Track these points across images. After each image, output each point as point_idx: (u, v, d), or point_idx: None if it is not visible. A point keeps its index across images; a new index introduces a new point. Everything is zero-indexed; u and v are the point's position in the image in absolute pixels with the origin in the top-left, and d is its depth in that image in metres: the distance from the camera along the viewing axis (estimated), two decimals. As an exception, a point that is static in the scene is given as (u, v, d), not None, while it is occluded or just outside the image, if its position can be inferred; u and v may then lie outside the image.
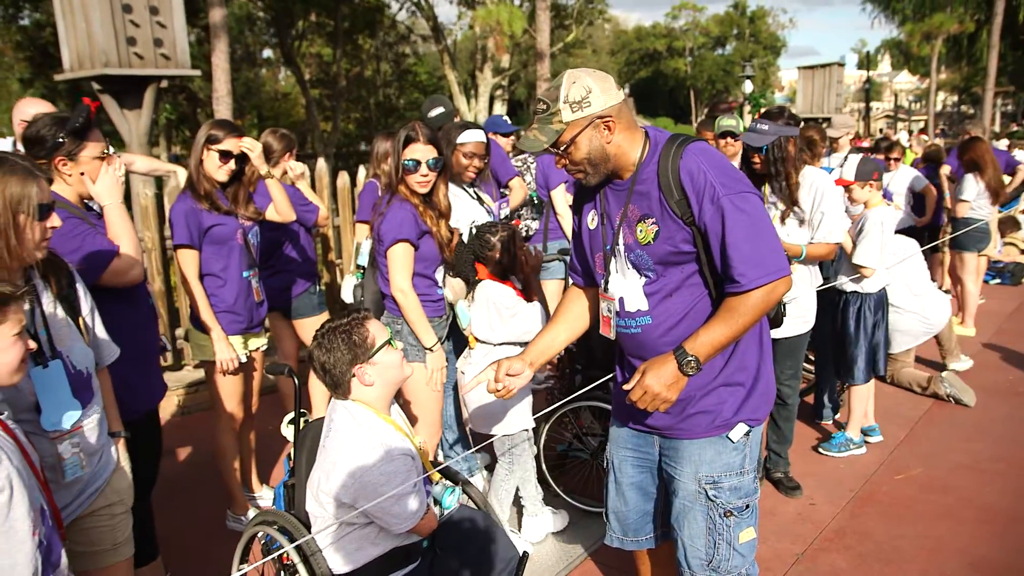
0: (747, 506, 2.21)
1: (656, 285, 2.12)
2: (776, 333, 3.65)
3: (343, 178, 6.15)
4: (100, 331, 2.26)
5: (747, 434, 2.19)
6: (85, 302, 2.19)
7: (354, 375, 2.30)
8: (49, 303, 2.04)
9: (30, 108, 3.56)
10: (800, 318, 3.73)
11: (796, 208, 3.64)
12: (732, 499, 2.18)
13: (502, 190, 4.72)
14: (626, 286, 2.17)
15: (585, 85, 2.00)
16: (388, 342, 2.34)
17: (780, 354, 3.74)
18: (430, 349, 3.24)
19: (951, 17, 20.79)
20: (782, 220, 3.66)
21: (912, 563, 3.36)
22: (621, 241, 2.14)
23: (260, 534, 2.51)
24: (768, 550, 3.47)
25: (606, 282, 2.21)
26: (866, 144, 10.85)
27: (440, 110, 4.74)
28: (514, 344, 3.30)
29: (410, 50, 30.69)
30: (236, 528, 3.70)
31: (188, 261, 3.35)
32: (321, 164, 6.09)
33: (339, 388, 2.33)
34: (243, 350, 3.57)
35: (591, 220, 2.25)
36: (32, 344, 1.78)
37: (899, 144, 8.15)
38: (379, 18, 24.41)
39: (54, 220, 1.98)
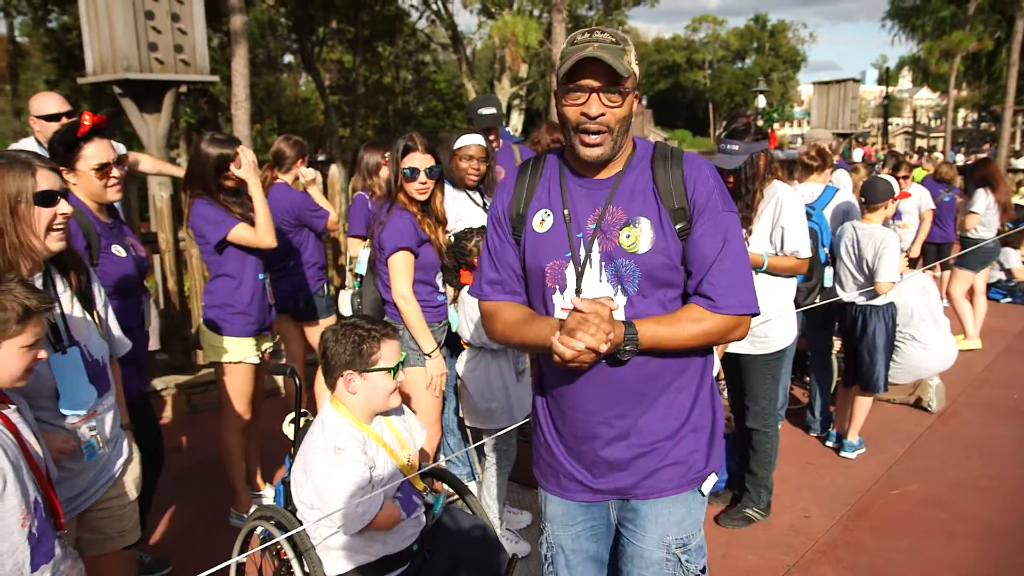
0: (705, 566, 2.01)
1: (637, 308, 1.83)
2: (754, 349, 3.69)
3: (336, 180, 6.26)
4: (113, 325, 2.36)
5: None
6: (99, 297, 2.29)
7: (342, 376, 2.38)
8: (67, 296, 2.14)
9: (43, 103, 3.68)
10: (782, 333, 3.74)
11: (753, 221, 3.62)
12: (699, 559, 1.97)
13: None
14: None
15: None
16: (391, 370, 2.41)
17: (755, 375, 3.74)
18: (429, 355, 3.32)
19: (970, 35, 20.71)
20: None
21: (904, 571, 3.39)
22: (596, 248, 1.83)
23: (259, 529, 2.59)
24: (760, 560, 3.51)
25: (578, 293, 1.84)
26: (853, 157, 10.80)
27: (492, 110, 4.76)
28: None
29: (430, 58, 30.91)
30: (238, 525, 3.78)
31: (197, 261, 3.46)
32: (334, 170, 6.20)
33: (328, 377, 2.43)
34: (255, 351, 3.67)
35: (539, 221, 1.90)
36: (43, 354, 1.87)
37: (905, 162, 8.17)
38: (399, 26, 24.63)
39: (63, 206, 2.06)
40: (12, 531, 1.74)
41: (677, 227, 1.82)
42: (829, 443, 4.87)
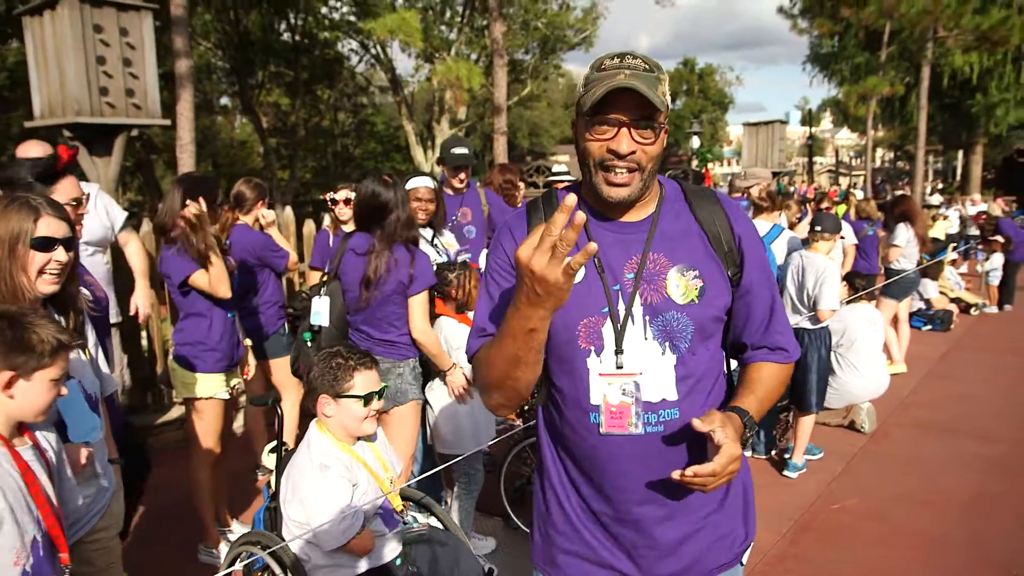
0: None
1: (688, 367, 1.62)
2: None
3: (309, 225, 6.36)
4: (102, 363, 2.44)
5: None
6: (91, 336, 2.38)
7: (319, 399, 2.54)
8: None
9: (31, 151, 3.76)
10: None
11: None
12: None
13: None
14: (650, 363, 1.60)
15: None
16: (363, 399, 2.55)
17: None
18: (449, 371, 3.55)
19: (883, 80, 22.03)
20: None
21: (847, 583, 3.63)
22: (639, 301, 1.60)
23: (243, 554, 2.66)
24: None
25: (618, 355, 1.60)
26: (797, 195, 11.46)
27: (464, 150, 4.90)
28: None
29: (367, 100, 31.14)
30: (207, 561, 3.81)
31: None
32: (288, 212, 6.30)
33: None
34: (225, 388, 3.74)
35: None
36: (64, 391, 1.95)
37: (827, 196, 8.74)
38: (338, 70, 24.84)
39: (59, 254, 2.16)
40: (6, 569, 1.81)
41: (729, 273, 1.65)
42: (789, 462, 5.13)
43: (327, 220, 6.54)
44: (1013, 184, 27.11)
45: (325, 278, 3.70)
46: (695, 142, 24.62)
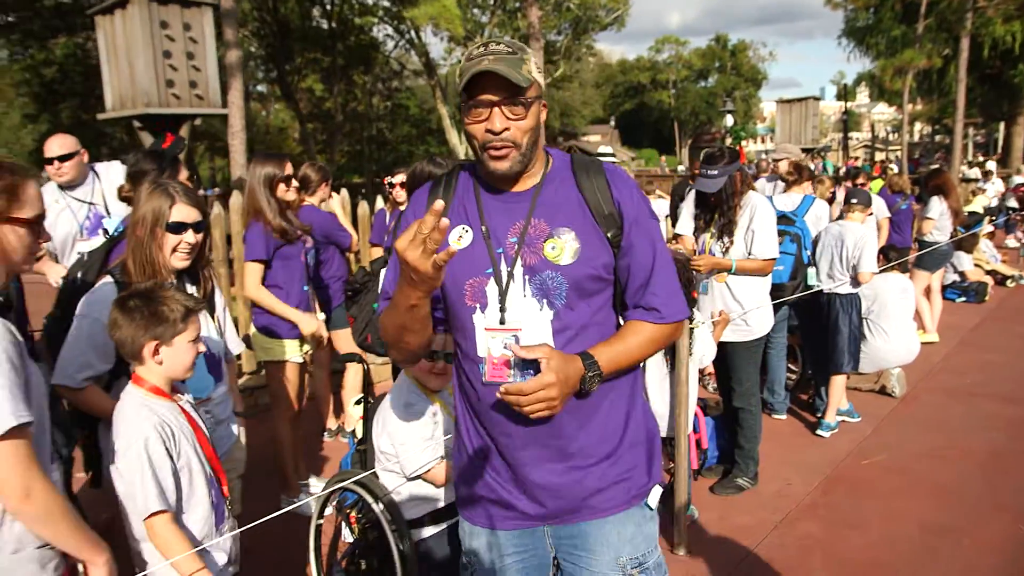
0: None
1: (565, 320, 1.76)
2: (737, 336, 4.24)
3: (363, 207, 6.76)
4: (229, 329, 2.84)
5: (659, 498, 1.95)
6: (219, 304, 2.77)
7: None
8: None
9: (57, 144, 4.21)
10: (760, 322, 4.28)
11: (731, 230, 4.16)
12: None
13: None
14: (529, 319, 1.76)
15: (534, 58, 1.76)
16: (429, 356, 2.84)
17: (739, 360, 4.29)
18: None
19: (920, 53, 21.78)
20: (719, 236, 4.22)
21: (874, 527, 3.94)
22: (520, 262, 1.76)
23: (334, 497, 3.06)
24: (752, 519, 4.04)
25: (502, 311, 1.77)
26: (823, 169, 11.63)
27: None
28: None
29: (400, 84, 31.53)
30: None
31: (254, 273, 3.92)
32: (344, 194, 6.69)
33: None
34: (299, 353, 4.14)
35: (457, 238, 1.82)
36: (203, 347, 2.33)
37: (863, 172, 8.91)
38: (373, 55, 25.24)
39: (189, 236, 2.56)
40: (204, 502, 2.22)
41: (608, 235, 1.78)
42: (823, 422, 5.42)
43: (380, 202, 6.95)
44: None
45: (386, 253, 4.08)
46: (729, 120, 24.60)
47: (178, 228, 2.50)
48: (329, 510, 3.24)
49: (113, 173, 4.49)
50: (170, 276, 2.53)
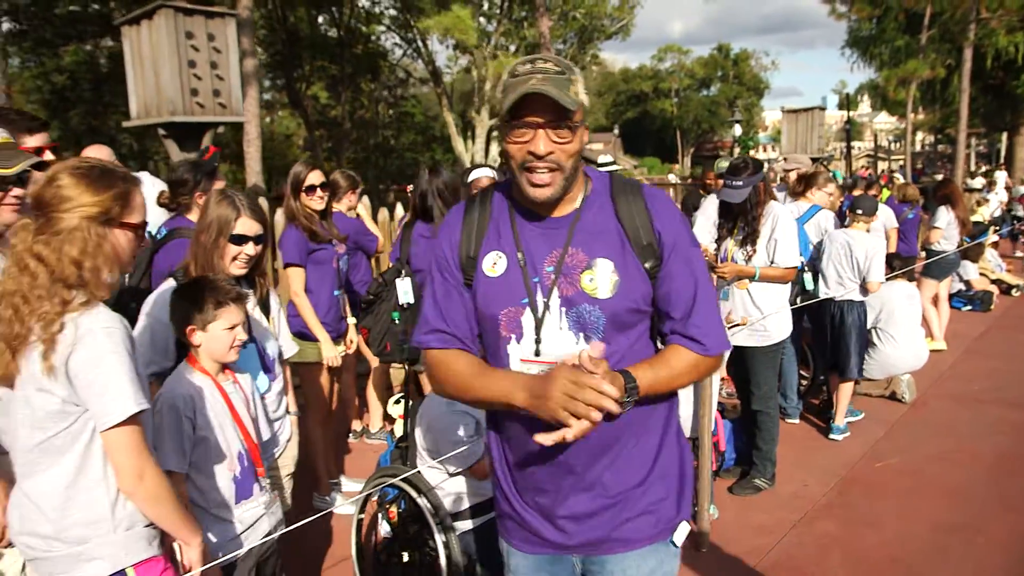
0: None
1: (602, 355, 1.67)
2: (757, 342, 4.37)
3: (383, 213, 6.91)
4: (284, 331, 2.99)
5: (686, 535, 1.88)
6: (274, 307, 2.92)
7: None
8: (253, 305, 2.77)
9: (93, 154, 4.38)
10: (779, 328, 4.42)
11: (755, 239, 4.30)
12: None
13: None
14: (565, 353, 1.67)
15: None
16: None
17: (759, 364, 4.42)
18: None
19: (924, 63, 21.98)
20: (741, 244, 4.36)
21: (889, 526, 4.07)
22: (556, 293, 1.71)
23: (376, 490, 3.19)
24: (770, 519, 4.17)
25: (537, 343, 1.72)
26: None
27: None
28: None
29: (406, 92, 31.74)
30: (320, 506, 4.36)
31: (296, 278, 4.06)
32: (366, 200, 6.84)
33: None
34: (333, 355, 4.27)
35: (491, 264, 1.76)
36: (243, 336, 2.48)
37: (876, 183, 9.05)
38: (381, 63, 25.46)
39: (249, 248, 2.71)
40: (224, 474, 2.37)
41: (647, 266, 1.72)
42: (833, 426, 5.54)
43: (399, 209, 7.11)
44: (1058, 166, 26.83)
45: (397, 263, 4.24)
46: (737, 130, 24.77)
47: (240, 240, 2.66)
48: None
49: (146, 184, 4.63)
50: (228, 278, 2.67)
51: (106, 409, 1.76)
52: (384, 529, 3.27)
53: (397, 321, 4.21)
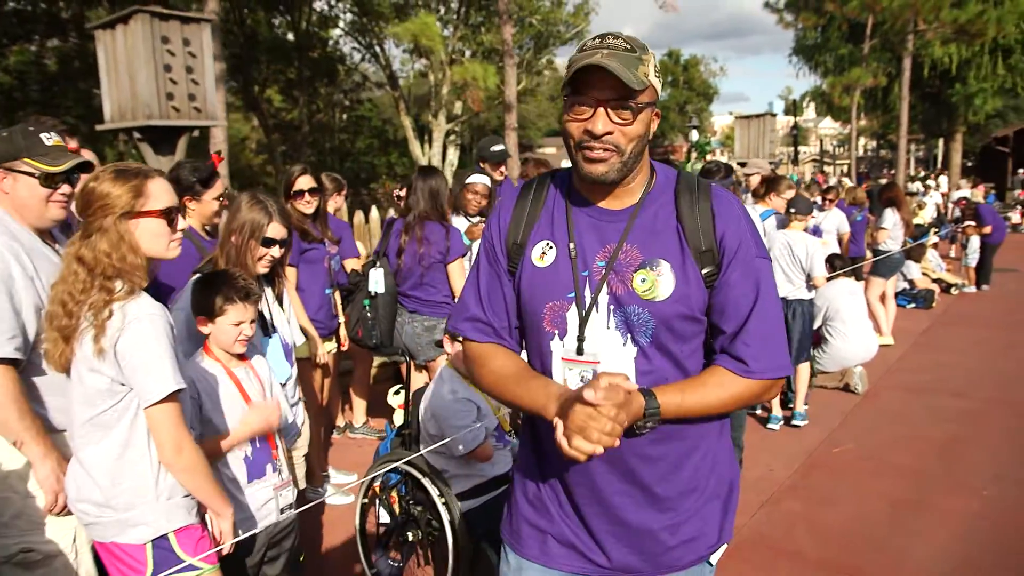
0: None
1: (652, 362, 1.60)
2: None
3: (359, 216, 7.07)
4: (294, 323, 3.16)
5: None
6: (286, 302, 3.09)
7: (451, 342, 3.26)
8: (272, 300, 2.95)
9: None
10: None
11: None
12: None
13: None
14: (610, 353, 1.60)
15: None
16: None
17: None
18: None
19: (867, 72, 22.89)
20: None
21: (849, 503, 4.40)
22: (605, 290, 1.60)
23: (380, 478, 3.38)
24: (740, 499, 4.42)
25: (579, 341, 1.61)
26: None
27: (502, 147, 5.88)
28: None
29: (363, 96, 31.72)
30: (312, 498, 4.51)
31: (288, 276, 4.22)
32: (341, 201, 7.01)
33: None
34: (326, 352, 4.44)
35: (539, 254, 1.67)
36: (248, 333, 2.64)
37: (834, 188, 9.55)
38: (338, 68, 25.44)
39: (275, 250, 2.89)
40: (235, 454, 2.54)
41: (703, 272, 1.59)
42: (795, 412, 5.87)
43: (374, 212, 7.28)
44: (991, 171, 28.09)
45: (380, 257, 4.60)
46: (694, 135, 25.38)
47: (269, 243, 2.84)
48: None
49: None
50: (253, 277, 2.84)
51: (149, 387, 1.97)
52: (383, 517, 3.45)
53: (367, 308, 4.50)
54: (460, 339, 1.83)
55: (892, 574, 3.63)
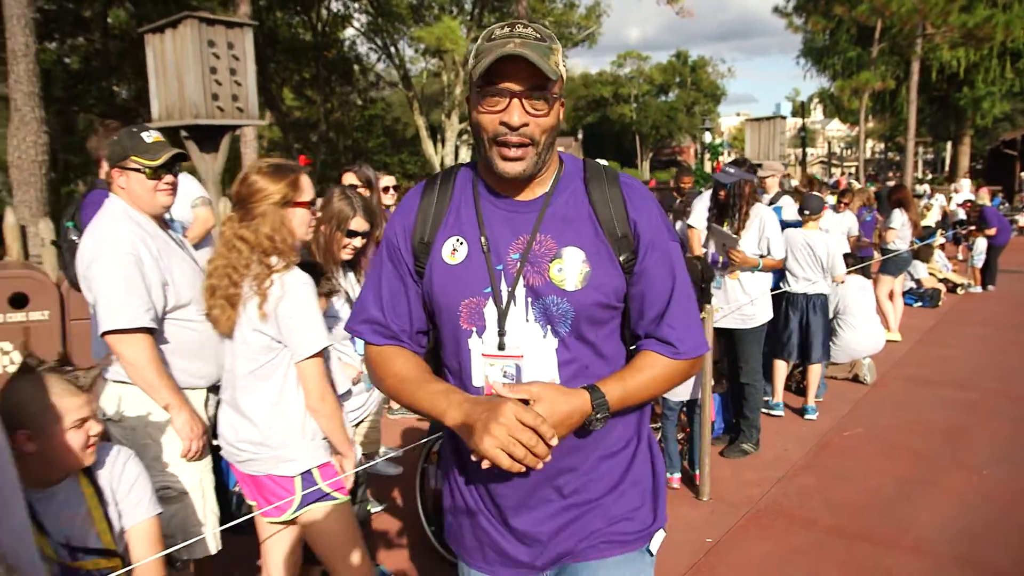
0: None
1: (572, 351, 1.58)
2: (746, 324, 5.03)
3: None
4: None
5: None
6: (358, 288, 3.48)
7: None
8: (354, 283, 3.33)
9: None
10: (763, 312, 5.08)
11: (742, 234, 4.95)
12: None
13: None
14: (531, 346, 1.57)
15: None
16: None
17: (746, 344, 5.09)
18: None
19: (875, 75, 23.24)
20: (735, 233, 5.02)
21: (859, 480, 4.77)
22: (522, 283, 1.57)
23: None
24: (759, 476, 4.83)
25: (500, 336, 1.57)
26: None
27: None
28: None
29: (377, 95, 32.14)
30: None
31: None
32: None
33: None
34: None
35: (450, 251, 1.61)
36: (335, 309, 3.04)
37: (850, 191, 9.92)
38: (354, 68, 25.86)
39: (357, 240, 3.26)
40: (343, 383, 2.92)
41: (621, 259, 1.58)
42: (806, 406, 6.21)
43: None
44: (1000, 175, 28.37)
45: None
46: (707, 137, 25.74)
47: (351, 235, 3.22)
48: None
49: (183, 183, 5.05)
50: (338, 264, 3.23)
51: (302, 344, 2.37)
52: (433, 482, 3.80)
53: None
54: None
55: (898, 539, 3.99)
